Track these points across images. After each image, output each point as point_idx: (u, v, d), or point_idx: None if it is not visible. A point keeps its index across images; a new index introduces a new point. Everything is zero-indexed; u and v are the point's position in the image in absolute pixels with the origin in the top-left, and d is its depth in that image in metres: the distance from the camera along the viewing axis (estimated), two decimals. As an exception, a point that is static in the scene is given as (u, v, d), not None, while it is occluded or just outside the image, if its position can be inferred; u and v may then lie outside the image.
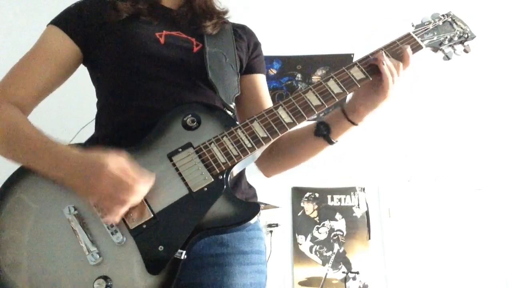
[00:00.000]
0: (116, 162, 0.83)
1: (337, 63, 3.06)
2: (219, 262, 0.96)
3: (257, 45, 1.23)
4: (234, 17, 1.22)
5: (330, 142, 1.06)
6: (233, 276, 0.96)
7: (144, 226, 0.85)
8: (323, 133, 1.06)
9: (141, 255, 0.83)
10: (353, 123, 1.04)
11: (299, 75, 3.22)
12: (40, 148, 0.89)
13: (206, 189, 0.88)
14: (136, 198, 0.83)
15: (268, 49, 1.24)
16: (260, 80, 1.21)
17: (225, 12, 1.18)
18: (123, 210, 0.83)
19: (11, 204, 0.87)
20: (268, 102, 1.19)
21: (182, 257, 0.84)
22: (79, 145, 0.97)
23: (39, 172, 0.88)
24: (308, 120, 0.98)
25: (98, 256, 0.83)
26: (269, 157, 1.15)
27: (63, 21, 1.05)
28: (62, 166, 0.86)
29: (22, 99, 0.99)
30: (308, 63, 3.13)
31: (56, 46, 1.03)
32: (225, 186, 0.89)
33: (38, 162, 0.88)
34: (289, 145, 1.12)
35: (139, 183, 0.83)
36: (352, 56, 2.99)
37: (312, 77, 3.23)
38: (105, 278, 0.82)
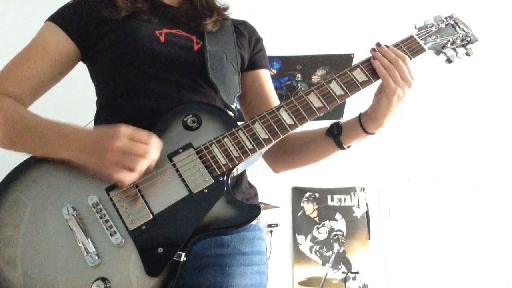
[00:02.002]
0: (127, 126, 0.84)
1: (337, 63, 3.06)
2: (219, 263, 0.96)
3: (258, 40, 1.22)
4: (233, 17, 1.21)
5: (340, 145, 1.04)
6: (233, 277, 0.96)
7: (143, 227, 0.84)
8: (334, 133, 1.05)
9: (140, 256, 0.83)
10: (365, 130, 1.02)
11: (299, 75, 3.21)
12: (44, 131, 0.89)
13: (206, 190, 0.87)
14: (154, 151, 0.83)
15: (268, 49, 1.24)
16: (264, 76, 1.20)
17: (226, 9, 1.17)
18: (145, 163, 0.82)
19: (9, 203, 0.86)
20: (273, 98, 1.18)
21: (182, 259, 0.83)
22: None
23: (48, 156, 0.88)
24: (311, 120, 0.97)
25: (96, 258, 0.82)
26: (279, 153, 1.15)
27: (60, 18, 1.04)
28: (72, 142, 0.86)
29: (18, 95, 0.98)
30: (308, 63, 3.13)
31: (53, 43, 1.02)
32: (225, 188, 0.88)
33: (46, 146, 0.88)
34: (300, 143, 1.12)
35: (152, 145, 0.83)
36: (352, 56, 2.99)
37: (312, 77, 3.22)
38: (104, 279, 0.81)
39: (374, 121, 1.00)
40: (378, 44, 1.02)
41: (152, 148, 0.83)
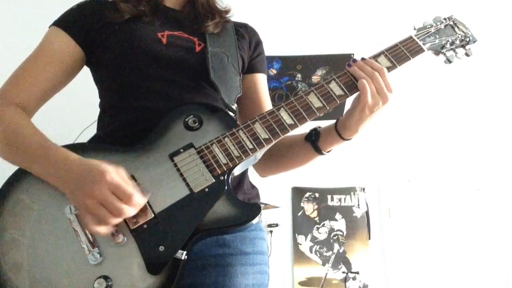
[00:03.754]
0: (117, 170, 0.82)
1: (337, 63, 3.07)
2: (221, 263, 0.96)
3: (258, 43, 1.22)
4: (234, 17, 1.22)
5: (318, 150, 1.06)
6: (235, 276, 0.96)
7: (145, 226, 0.85)
8: (312, 138, 1.06)
9: (142, 255, 0.83)
10: (341, 137, 1.02)
11: (299, 75, 3.22)
12: (38, 154, 0.89)
13: (207, 189, 0.88)
14: (131, 210, 0.81)
15: (268, 49, 1.25)
16: (261, 80, 1.21)
17: (227, 11, 1.18)
18: (116, 221, 0.81)
19: (12, 204, 0.87)
20: (267, 103, 1.19)
21: (183, 258, 0.84)
22: (81, 144, 0.97)
23: (37, 175, 0.88)
24: (311, 120, 0.98)
25: (98, 256, 0.83)
26: (263, 157, 1.15)
27: (65, 23, 1.05)
28: (59, 172, 0.85)
29: (25, 101, 0.99)
30: (308, 63, 3.13)
31: (59, 48, 1.03)
32: (226, 187, 0.89)
33: (36, 168, 0.88)
34: (282, 148, 1.12)
35: (138, 195, 0.82)
36: (352, 56, 2.99)
37: (312, 77, 3.23)
38: (106, 277, 0.82)
39: (348, 129, 1.00)
40: (353, 60, 1.01)
41: (129, 209, 0.81)
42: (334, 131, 1.03)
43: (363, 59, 1.01)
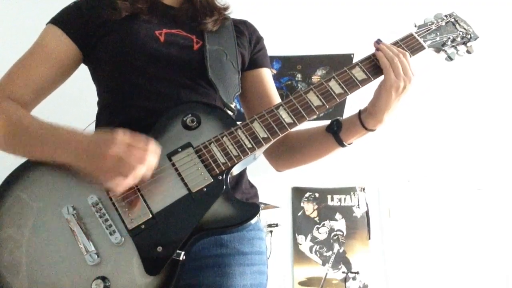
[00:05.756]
0: (125, 132, 0.83)
1: (337, 63, 3.06)
2: (219, 263, 0.96)
3: (259, 39, 1.22)
4: (233, 17, 1.21)
5: (340, 142, 1.04)
6: (233, 277, 0.96)
7: (143, 226, 0.84)
8: (333, 129, 1.04)
9: (140, 255, 0.83)
10: (365, 127, 1.01)
11: (299, 75, 3.21)
12: (45, 134, 0.89)
13: (205, 189, 0.88)
14: (144, 167, 0.82)
15: (268, 49, 1.24)
16: (265, 74, 1.20)
17: (226, 8, 1.17)
18: (140, 169, 0.81)
19: (10, 203, 0.87)
20: (274, 96, 1.18)
21: (181, 258, 0.83)
22: None
23: (47, 159, 0.88)
24: (308, 121, 0.97)
25: (96, 257, 0.83)
26: (281, 151, 1.15)
27: (62, 20, 1.04)
28: (70, 146, 0.86)
29: (21, 98, 0.98)
30: (308, 63, 3.13)
31: (55, 46, 1.02)
32: (224, 187, 0.89)
33: (45, 149, 0.88)
34: (301, 141, 1.11)
35: (150, 151, 0.82)
36: (352, 56, 2.99)
37: (312, 77, 3.22)
38: (103, 278, 0.81)
39: (374, 117, 1.00)
40: (379, 40, 1.02)
41: (150, 154, 0.82)
42: (357, 121, 1.02)
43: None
